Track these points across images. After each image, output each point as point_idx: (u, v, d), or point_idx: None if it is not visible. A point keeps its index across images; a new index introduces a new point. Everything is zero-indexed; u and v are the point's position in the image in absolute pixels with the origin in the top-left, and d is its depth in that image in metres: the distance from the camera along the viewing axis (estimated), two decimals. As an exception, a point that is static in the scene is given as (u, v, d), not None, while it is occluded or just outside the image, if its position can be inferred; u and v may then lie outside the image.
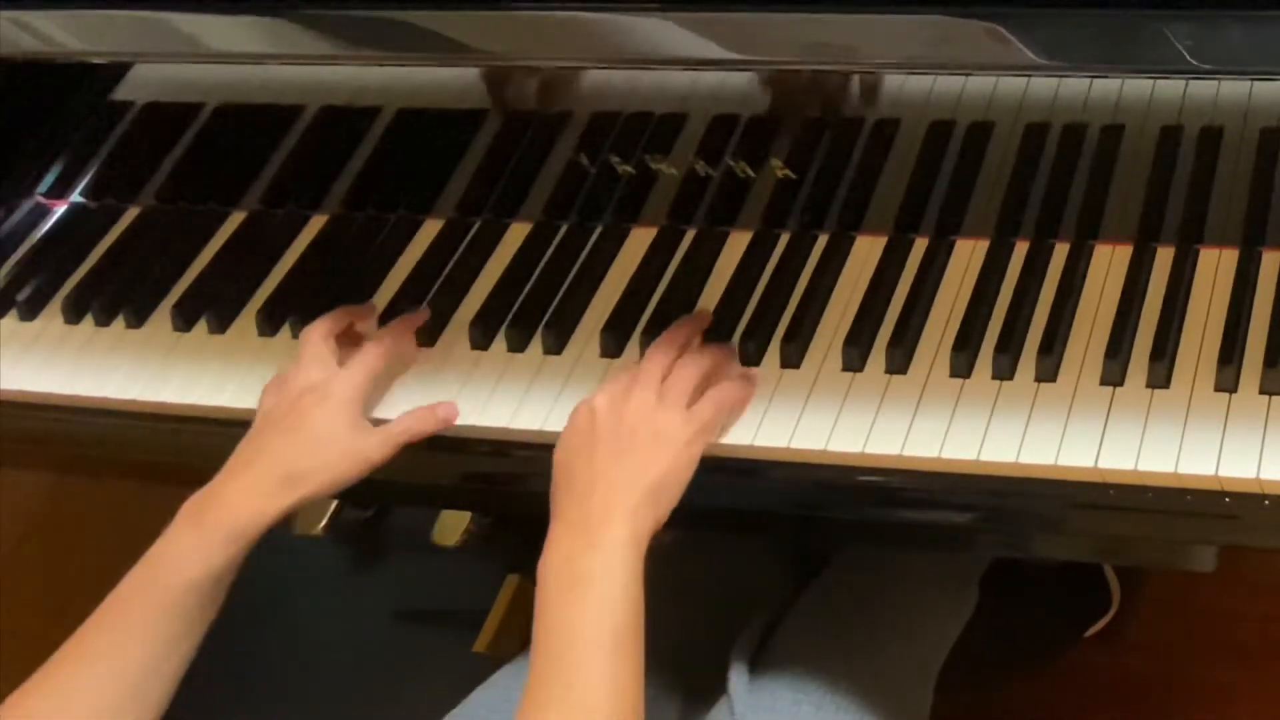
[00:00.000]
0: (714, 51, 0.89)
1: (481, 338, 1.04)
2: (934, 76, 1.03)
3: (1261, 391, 0.89)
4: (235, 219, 1.18)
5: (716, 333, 1.00)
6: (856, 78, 1.04)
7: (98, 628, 0.90)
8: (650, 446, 0.91)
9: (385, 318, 1.07)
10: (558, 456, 0.92)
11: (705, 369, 0.95)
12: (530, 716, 0.83)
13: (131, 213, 1.20)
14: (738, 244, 1.06)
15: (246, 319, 1.09)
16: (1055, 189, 1.01)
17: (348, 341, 1.03)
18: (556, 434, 0.94)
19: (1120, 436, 0.88)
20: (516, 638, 1.47)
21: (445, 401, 1.00)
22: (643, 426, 0.91)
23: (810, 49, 0.89)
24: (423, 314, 1.06)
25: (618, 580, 0.86)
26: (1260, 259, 0.96)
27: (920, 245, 1.03)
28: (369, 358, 0.99)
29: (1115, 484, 0.88)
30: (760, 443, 0.94)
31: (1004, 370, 0.93)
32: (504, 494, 1.04)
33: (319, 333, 1.01)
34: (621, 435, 0.91)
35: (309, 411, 0.96)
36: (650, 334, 1.00)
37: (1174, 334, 0.93)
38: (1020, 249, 1.01)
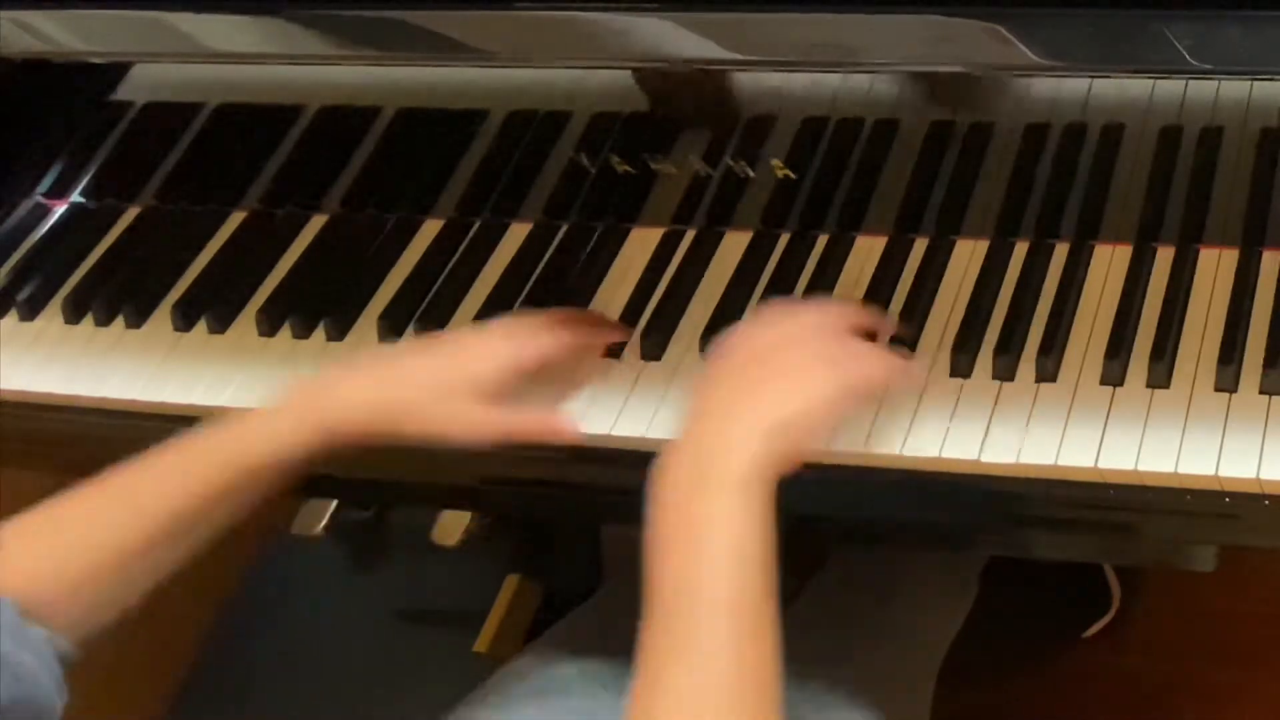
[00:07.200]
0: (714, 51, 0.89)
1: (481, 338, 1.04)
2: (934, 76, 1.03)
3: (1261, 391, 0.89)
4: (235, 219, 1.17)
5: (715, 333, 1.00)
6: (855, 77, 1.04)
7: (133, 470, 0.84)
8: (790, 379, 0.82)
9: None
10: (697, 385, 0.84)
11: (867, 328, 0.89)
12: (646, 689, 0.73)
13: (131, 213, 1.20)
14: (738, 244, 1.06)
15: (246, 319, 1.09)
16: (1055, 189, 1.01)
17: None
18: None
19: (1120, 436, 0.88)
20: (516, 638, 1.47)
21: (565, 416, 0.94)
22: (787, 359, 0.83)
23: (810, 49, 0.89)
24: (621, 330, 1.00)
25: (736, 529, 0.76)
26: (1260, 259, 0.96)
27: (920, 245, 1.03)
28: (546, 339, 0.93)
29: (1115, 484, 0.88)
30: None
31: (1004, 370, 0.93)
32: (504, 493, 1.04)
33: (546, 315, 0.96)
34: (764, 362, 0.83)
35: (457, 345, 0.91)
36: (650, 334, 1.00)
37: (1174, 334, 0.93)
38: (1020, 249, 1.01)
